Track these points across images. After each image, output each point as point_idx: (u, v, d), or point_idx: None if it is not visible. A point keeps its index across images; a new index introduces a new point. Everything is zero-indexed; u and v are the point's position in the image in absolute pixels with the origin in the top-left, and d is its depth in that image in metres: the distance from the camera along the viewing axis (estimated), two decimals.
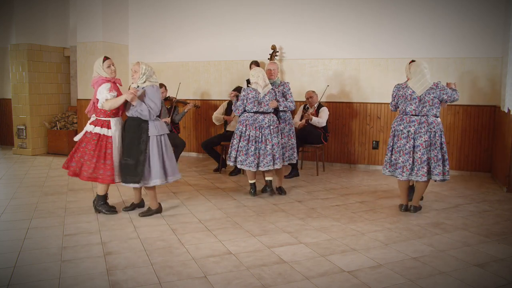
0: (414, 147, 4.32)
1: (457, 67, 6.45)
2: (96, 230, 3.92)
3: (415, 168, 4.33)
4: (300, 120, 6.58)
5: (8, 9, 8.49)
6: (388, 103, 6.74)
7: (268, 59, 7.07)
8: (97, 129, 4.23)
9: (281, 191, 5.29)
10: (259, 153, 4.90)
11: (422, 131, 4.29)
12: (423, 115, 4.32)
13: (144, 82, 4.22)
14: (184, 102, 6.73)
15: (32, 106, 8.13)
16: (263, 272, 3.07)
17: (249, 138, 4.90)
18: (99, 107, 4.24)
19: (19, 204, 4.77)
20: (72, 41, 8.55)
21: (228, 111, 6.76)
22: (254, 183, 5.18)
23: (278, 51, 7.16)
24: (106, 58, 4.28)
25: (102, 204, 4.44)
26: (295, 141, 5.44)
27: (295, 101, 7.21)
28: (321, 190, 5.58)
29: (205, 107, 7.95)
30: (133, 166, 4.13)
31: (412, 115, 4.34)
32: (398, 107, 4.54)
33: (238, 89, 6.66)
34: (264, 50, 7.24)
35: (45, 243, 3.58)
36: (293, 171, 6.30)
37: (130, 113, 4.19)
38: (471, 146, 6.50)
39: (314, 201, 5.04)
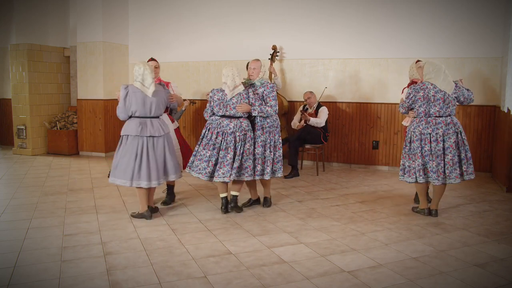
0: (444, 149, 4.19)
1: (457, 67, 6.45)
2: (96, 230, 3.92)
3: (447, 171, 4.20)
4: (299, 121, 6.57)
5: (8, 9, 8.50)
6: (389, 103, 6.77)
7: (269, 59, 7.07)
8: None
9: (266, 202, 4.73)
10: (216, 161, 4.30)
11: (451, 132, 4.16)
12: (447, 116, 4.20)
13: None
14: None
15: (32, 106, 8.13)
16: (263, 272, 3.07)
17: (208, 142, 4.34)
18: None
19: (19, 204, 4.76)
20: (72, 41, 8.55)
21: None
22: (226, 197, 4.48)
23: (279, 51, 7.16)
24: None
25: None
26: (280, 154, 4.56)
27: (295, 102, 7.27)
28: (321, 190, 5.58)
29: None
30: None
31: (437, 116, 4.18)
32: (412, 109, 4.37)
33: None
34: (264, 50, 7.24)
35: (45, 243, 3.58)
36: (293, 171, 6.30)
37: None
38: (471, 146, 6.48)
39: (314, 201, 5.04)
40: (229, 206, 4.51)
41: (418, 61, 4.79)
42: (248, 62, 6.87)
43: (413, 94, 4.27)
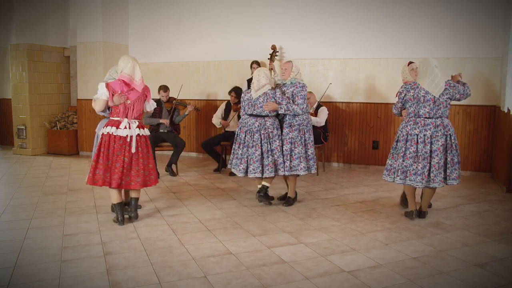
0: (431, 152, 4.05)
1: (457, 67, 6.44)
2: (96, 230, 3.92)
3: (432, 174, 4.05)
4: None
5: (8, 9, 8.50)
6: (389, 103, 6.77)
7: (268, 59, 7.06)
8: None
9: (287, 201, 4.81)
10: (247, 157, 4.60)
11: (439, 134, 4.02)
12: (438, 117, 4.05)
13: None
14: (184, 105, 6.71)
15: (32, 106, 8.13)
16: (263, 272, 3.07)
17: (240, 141, 4.67)
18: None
19: (19, 204, 4.76)
20: (72, 41, 8.55)
21: (227, 112, 6.76)
22: (263, 186, 4.77)
23: (278, 51, 7.16)
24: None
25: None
26: (312, 151, 4.71)
27: None
28: (321, 190, 5.58)
29: (205, 107, 7.95)
30: None
31: (426, 117, 4.05)
32: (404, 109, 4.27)
33: (236, 90, 6.67)
34: (264, 50, 7.24)
35: (45, 243, 3.58)
36: None
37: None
38: (471, 146, 6.50)
39: (314, 201, 5.04)
40: (258, 194, 4.72)
41: (411, 62, 4.70)
42: (252, 62, 6.97)
43: (404, 93, 4.17)
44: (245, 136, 4.63)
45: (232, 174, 6.37)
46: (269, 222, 4.21)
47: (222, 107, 6.87)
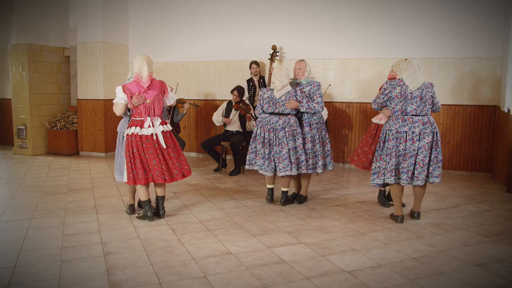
0: (417, 149, 4.03)
1: (457, 67, 6.45)
2: (96, 230, 3.92)
3: (416, 172, 4.04)
4: None
5: (8, 9, 8.50)
6: None
7: (269, 59, 7.07)
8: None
9: (300, 198, 4.92)
10: (274, 156, 4.62)
11: (427, 131, 4.00)
12: (424, 115, 4.05)
13: None
14: (182, 103, 6.72)
15: (32, 106, 8.13)
16: (263, 272, 3.07)
17: (263, 140, 4.65)
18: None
19: (19, 204, 4.77)
20: (72, 41, 8.55)
21: (228, 111, 6.76)
22: (272, 188, 4.86)
23: (278, 51, 7.16)
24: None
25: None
26: (328, 148, 4.82)
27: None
28: (321, 190, 5.58)
29: (205, 107, 7.95)
30: None
31: (413, 115, 4.03)
32: (385, 105, 4.22)
33: (238, 89, 6.66)
34: (264, 50, 7.24)
35: (45, 243, 3.58)
36: None
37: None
38: (471, 146, 6.50)
39: (314, 201, 5.04)
40: (281, 201, 4.81)
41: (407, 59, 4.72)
42: (251, 62, 6.97)
43: (389, 90, 4.10)
44: (269, 134, 4.63)
45: (232, 174, 6.37)
46: (269, 222, 4.21)
47: (223, 106, 6.87)
